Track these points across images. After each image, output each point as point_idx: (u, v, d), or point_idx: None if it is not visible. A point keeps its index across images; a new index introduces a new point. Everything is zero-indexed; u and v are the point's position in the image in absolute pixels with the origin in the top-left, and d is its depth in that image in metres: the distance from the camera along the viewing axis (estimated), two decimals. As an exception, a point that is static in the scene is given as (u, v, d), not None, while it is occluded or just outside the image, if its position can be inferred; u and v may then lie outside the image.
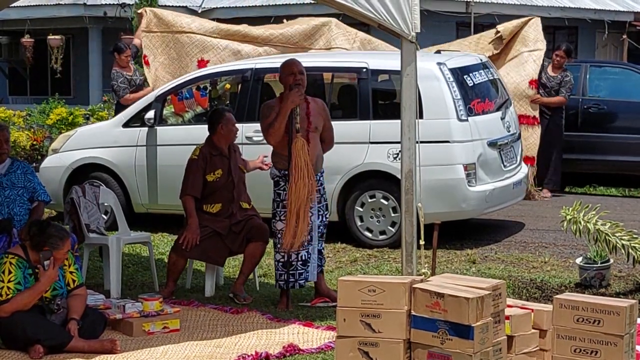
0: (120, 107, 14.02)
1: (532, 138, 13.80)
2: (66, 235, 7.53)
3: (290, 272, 8.53)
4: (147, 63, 13.94)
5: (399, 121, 7.47)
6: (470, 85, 11.19)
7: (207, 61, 13.56)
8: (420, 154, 7.54)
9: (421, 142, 7.57)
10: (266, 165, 9.23)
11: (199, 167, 8.95)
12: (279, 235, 8.54)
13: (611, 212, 10.62)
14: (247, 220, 8.93)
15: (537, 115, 13.83)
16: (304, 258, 8.55)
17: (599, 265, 9.15)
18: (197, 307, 8.61)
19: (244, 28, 14.13)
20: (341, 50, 13.56)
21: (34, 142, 16.58)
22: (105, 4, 22.20)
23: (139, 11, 14.49)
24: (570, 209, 9.03)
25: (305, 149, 8.37)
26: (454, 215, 10.88)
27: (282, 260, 8.56)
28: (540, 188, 14.17)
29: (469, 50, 13.71)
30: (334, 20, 14.05)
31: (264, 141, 8.73)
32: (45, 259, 7.35)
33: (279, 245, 8.55)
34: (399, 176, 7.72)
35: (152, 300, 7.90)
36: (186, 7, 22.65)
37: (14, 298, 7.31)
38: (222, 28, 14.07)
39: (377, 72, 11.35)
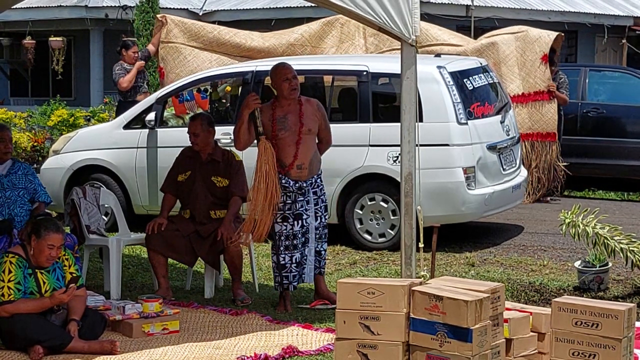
0: (121, 105, 13.96)
1: (549, 113, 13.72)
2: (52, 227, 7.43)
3: (284, 274, 8.54)
4: (163, 76, 13.91)
5: (398, 124, 7.48)
6: (470, 88, 11.21)
7: None
8: (420, 157, 7.55)
9: (421, 145, 7.58)
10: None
11: (174, 165, 9.16)
12: (276, 237, 8.53)
13: (610, 216, 10.64)
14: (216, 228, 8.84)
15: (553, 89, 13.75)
16: (297, 260, 8.54)
17: (597, 268, 9.16)
18: (197, 308, 8.63)
19: (266, 45, 13.95)
20: (356, 40, 13.59)
21: (35, 144, 16.60)
22: (107, 6, 22.22)
23: (159, 16, 14.28)
24: (569, 212, 9.04)
25: (269, 152, 8.33)
26: (453, 218, 10.90)
27: (276, 262, 8.57)
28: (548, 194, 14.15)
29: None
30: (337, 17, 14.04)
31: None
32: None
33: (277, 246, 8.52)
34: (398, 179, 7.73)
35: (151, 302, 7.91)
36: (187, 9, 22.66)
37: (18, 304, 7.31)
38: (245, 47, 13.92)
39: (377, 75, 11.35)
